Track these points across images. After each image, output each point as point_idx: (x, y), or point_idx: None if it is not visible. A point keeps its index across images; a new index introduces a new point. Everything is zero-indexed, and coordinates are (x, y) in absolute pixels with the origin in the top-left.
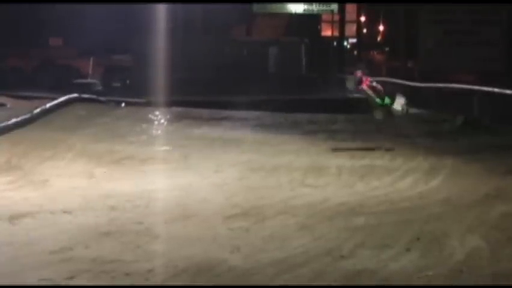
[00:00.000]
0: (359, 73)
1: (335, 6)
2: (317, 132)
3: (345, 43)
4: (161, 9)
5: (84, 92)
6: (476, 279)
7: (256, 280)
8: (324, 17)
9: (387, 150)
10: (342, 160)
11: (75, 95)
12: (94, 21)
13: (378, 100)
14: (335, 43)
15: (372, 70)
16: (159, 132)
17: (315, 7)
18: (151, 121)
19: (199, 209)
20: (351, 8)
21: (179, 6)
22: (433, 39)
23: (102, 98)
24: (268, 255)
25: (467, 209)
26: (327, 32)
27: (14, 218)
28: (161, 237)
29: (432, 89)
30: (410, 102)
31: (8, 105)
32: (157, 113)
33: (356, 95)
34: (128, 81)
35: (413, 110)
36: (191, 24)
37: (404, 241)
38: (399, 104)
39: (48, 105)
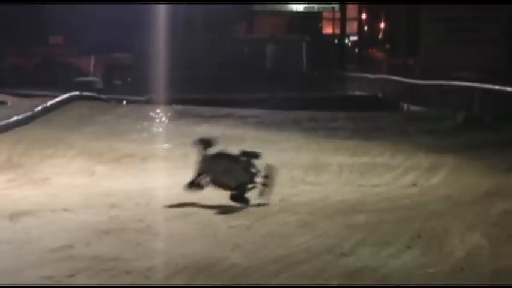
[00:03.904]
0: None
1: (336, 4)
2: (318, 129)
3: (347, 41)
4: (162, 7)
5: (85, 90)
6: (476, 277)
7: (257, 278)
8: (325, 14)
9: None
10: (343, 157)
11: (76, 93)
12: (95, 19)
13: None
14: (336, 41)
15: (373, 68)
16: (160, 130)
17: (316, 5)
18: (152, 119)
19: (199, 207)
20: (352, 6)
21: (180, 4)
22: (434, 37)
23: (103, 96)
24: (269, 252)
25: (467, 206)
26: (328, 29)
27: (14, 216)
28: (162, 235)
29: (433, 87)
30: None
31: (9, 103)
32: (158, 110)
33: (357, 93)
34: (129, 79)
35: (413, 108)
36: (192, 22)
37: (405, 238)
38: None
39: (49, 103)
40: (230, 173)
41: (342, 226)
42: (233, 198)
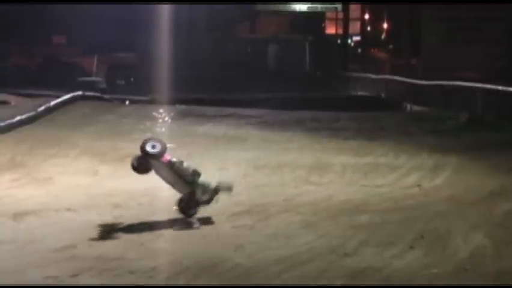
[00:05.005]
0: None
1: (339, 4)
2: (321, 129)
3: (349, 41)
4: (165, 7)
5: (88, 90)
6: (480, 277)
7: (260, 278)
8: (329, 14)
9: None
10: (346, 158)
11: (79, 92)
12: (98, 19)
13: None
14: (338, 41)
15: (376, 68)
16: (163, 129)
17: (319, 5)
18: (155, 119)
19: (202, 207)
20: (355, 6)
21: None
22: (436, 37)
23: (106, 96)
24: (272, 253)
25: (471, 206)
26: (331, 29)
27: (18, 215)
28: (165, 235)
29: (435, 87)
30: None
31: (12, 103)
32: (161, 110)
33: (360, 93)
34: (132, 79)
35: (416, 108)
36: (194, 22)
37: (408, 239)
38: None
39: (52, 103)
40: (178, 185)
41: (345, 226)
42: (180, 209)
